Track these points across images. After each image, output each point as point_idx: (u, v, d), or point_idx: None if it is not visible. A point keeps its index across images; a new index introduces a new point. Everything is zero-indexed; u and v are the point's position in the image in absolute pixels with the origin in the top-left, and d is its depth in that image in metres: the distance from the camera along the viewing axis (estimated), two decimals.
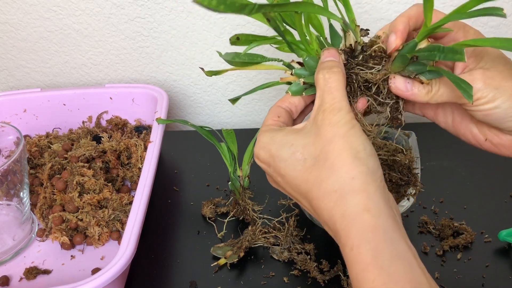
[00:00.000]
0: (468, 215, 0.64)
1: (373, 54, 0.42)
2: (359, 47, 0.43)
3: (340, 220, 0.33)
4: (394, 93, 0.42)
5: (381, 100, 0.43)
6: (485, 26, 0.76)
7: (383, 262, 0.31)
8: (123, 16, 0.77)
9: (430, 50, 0.39)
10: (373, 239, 0.32)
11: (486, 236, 0.61)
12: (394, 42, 0.40)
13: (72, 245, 0.62)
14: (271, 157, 0.38)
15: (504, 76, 0.38)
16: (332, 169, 0.34)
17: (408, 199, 0.56)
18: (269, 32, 0.78)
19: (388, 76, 0.42)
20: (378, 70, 0.42)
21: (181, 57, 0.81)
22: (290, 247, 0.60)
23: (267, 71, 0.83)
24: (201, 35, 0.79)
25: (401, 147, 0.52)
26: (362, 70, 0.42)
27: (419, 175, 0.58)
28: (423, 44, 0.40)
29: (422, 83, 0.40)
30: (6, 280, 0.58)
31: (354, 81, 0.43)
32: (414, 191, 0.57)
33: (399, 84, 0.41)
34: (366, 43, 0.43)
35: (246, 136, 0.67)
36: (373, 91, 0.43)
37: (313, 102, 0.42)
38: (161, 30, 0.78)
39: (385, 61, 0.42)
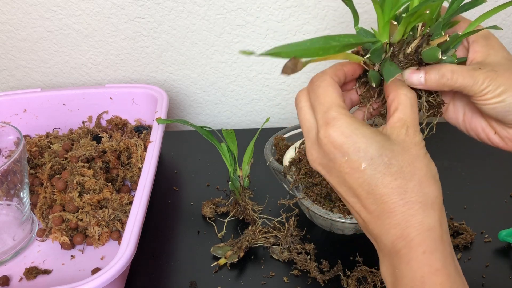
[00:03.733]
0: (468, 215, 0.64)
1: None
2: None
3: (417, 227, 0.36)
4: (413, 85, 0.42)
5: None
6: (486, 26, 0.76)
7: (450, 271, 0.36)
8: (123, 16, 0.77)
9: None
10: (443, 250, 0.36)
11: (486, 236, 0.61)
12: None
13: (72, 245, 0.62)
14: (355, 149, 0.37)
15: (510, 73, 0.40)
16: (420, 185, 0.37)
17: None
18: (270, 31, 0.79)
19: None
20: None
21: (181, 57, 0.81)
22: (290, 247, 0.60)
23: (269, 70, 0.83)
24: (201, 35, 0.79)
25: None
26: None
27: None
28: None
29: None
30: (6, 280, 0.58)
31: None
32: None
33: (410, 77, 0.42)
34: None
35: (246, 136, 0.67)
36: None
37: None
38: (161, 30, 0.78)
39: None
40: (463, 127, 0.47)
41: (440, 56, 0.39)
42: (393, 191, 0.37)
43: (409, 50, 0.41)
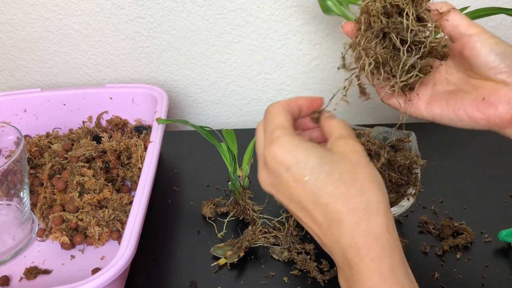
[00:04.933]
0: (468, 215, 0.64)
1: None
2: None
3: (363, 235, 0.37)
4: None
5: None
6: (485, 26, 0.76)
7: (399, 278, 0.36)
8: (123, 16, 0.77)
9: None
10: (392, 256, 0.36)
11: (486, 236, 0.61)
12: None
13: (72, 245, 0.62)
14: (296, 161, 0.39)
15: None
16: (362, 190, 0.38)
17: (408, 199, 0.56)
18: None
19: None
20: None
21: (181, 57, 0.81)
22: (290, 247, 0.60)
23: (267, 70, 0.83)
24: (201, 35, 0.79)
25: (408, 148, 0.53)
26: None
27: (419, 175, 0.58)
28: None
29: None
30: (6, 280, 0.58)
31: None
32: (414, 191, 0.57)
33: None
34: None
35: (246, 136, 0.67)
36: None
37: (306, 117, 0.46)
38: (161, 30, 0.78)
39: None
40: (452, 114, 0.46)
41: None
42: (336, 199, 0.38)
43: None
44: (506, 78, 0.43)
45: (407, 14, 0.42)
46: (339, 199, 0.38)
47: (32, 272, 0.58)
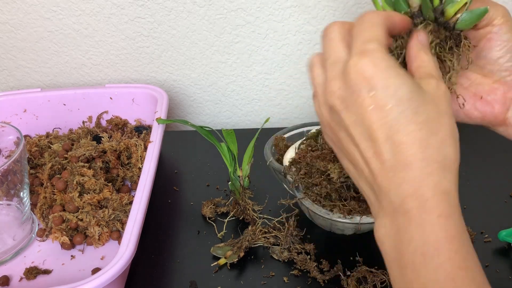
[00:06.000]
0: (468, 215, 0.64)
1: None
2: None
3: (433, 188, 0.34)
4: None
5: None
6: None
7: (464, 241, 0.33)
8: (123, 16, 0.77)
9: None
10: (458, 217, 0.34)
11: (486, 236, 0.61)
12: None
13: (72, 245, 0.62)
14: (386, 85, 0.34)
15: None
16: (442, 143, 0.35)
17: None
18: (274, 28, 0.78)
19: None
20: None
21: (181, 57, 0.81)
22: (290, 247, 0.60)
23: (269, 69, 0.83)
24: (201, 35, 0.79)
25: None
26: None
27: None
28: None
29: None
30: (6, 280, 0.58)
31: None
32: None
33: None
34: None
35: (246, 136, 0.67)
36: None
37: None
38: (161, 30, 0.78)
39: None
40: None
41: None
42: (414, 142, 0.34)
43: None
44: (507, 76, 0.42)
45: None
46: (417, 143, 0.34)
47: (32, 272, 0.58)
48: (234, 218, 0.66)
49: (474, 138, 0.77)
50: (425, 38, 0.39)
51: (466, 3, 0.40)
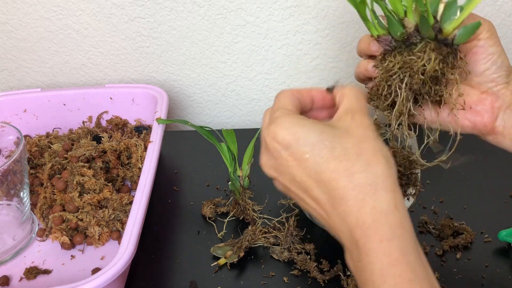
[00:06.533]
0: (468, 215, 0.64)
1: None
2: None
3: (371, 213, 0.34)
4: None
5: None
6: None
7: (409, 259, 0.33)
8: (123, 16, 0.77)
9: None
10: (401, 236, 0.34)
11: (486, 236, 0.61)
12: None
13: (72, 245, 0.62)
14: (295, 139, 0.37)
15: None
16: (367, 165, 0.36)
17: (408, 199, 0.56)
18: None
19: None
20: None
21: (181, 57, 0.81)
22: (290, 247, 0.60)
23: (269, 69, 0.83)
24: (201, 35, 0.79)
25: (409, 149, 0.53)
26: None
27: (419, 175, 0.58)
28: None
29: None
30: (6, 280, 0.58)
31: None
32: (414, 191, 0.57)
33: None
34: None
35: (246, 136, 0.67)
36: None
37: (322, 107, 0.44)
38: (161, 30, 0.78)
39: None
40: (441, 119, 0.47)
41: None
42: (339, 175, 0.36)
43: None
44: (493, 87, 0.44)
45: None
46: (343, 175, 0.36)
47: (32, 272, 0.58)
48: (234, 218, 0.66)
49: (474, 138, 0.77)
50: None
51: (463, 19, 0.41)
